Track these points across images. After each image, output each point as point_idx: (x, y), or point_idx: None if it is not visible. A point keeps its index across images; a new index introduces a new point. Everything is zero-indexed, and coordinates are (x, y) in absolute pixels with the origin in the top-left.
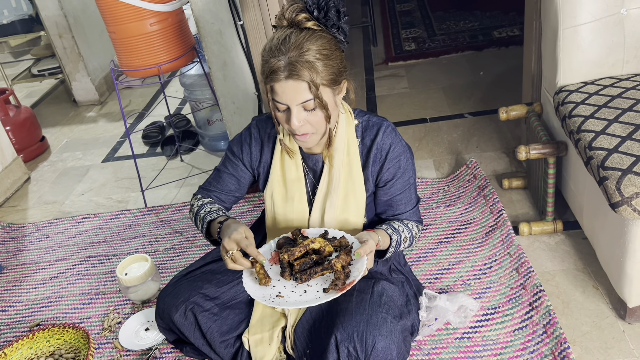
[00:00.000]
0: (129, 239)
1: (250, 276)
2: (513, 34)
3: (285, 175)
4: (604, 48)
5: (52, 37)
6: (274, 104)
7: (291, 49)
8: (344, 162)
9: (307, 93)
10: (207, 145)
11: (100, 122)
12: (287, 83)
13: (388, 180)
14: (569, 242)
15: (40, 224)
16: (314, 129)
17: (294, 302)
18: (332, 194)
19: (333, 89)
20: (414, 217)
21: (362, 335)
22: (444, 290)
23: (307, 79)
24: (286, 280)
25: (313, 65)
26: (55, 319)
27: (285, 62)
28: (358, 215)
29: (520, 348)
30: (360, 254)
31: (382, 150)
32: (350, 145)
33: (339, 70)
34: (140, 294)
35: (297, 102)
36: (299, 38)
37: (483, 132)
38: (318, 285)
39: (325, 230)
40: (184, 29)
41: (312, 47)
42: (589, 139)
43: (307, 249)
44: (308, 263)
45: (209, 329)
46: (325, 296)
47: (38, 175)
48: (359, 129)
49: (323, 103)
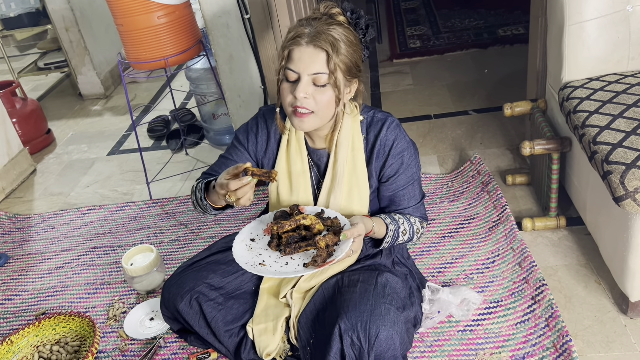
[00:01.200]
0: (134, 230)
1: (241, 243)
2: (518, 32)
3: (291, 168)
4: (610, 44)
5: (58, 30)
6: (285, 72)
7: (320, 24)
8: (348, 158)
9: (322, 65)
10: (212, 139)
11: (105, 115)
12: (306, 49)
13: (390, 176)
14: (571, 237)
15: (46, 214)
16: (317, 107)
17: (274, 271)
18: (336, 188)
19: (346, 79)
20: (417, 213)
21: (366, 325)
22: (446, 284)
23: (328, 50)
24: (272, 251)
25: (336, 42)
26: (60, 308)
27: (311, 30)
28: (362, 210)
29: (522, 341)
30: (347, 235)
31: (386, 146)
32: (355, 141)
33: (357, 63)
34: (145, 284)
35: (310, 71)
36: (329, 20)
37: (487, 128)
38: (300, 260)
39: (322, 209)
40: (191, 22)
41: (339, 29)
42: (593, 133)
43: (297, 224)
44: (295, 237)
45: (213, 318)
46: (303, 270)
47: (44, 167)
48: (363, 124)
49: (337, 82)
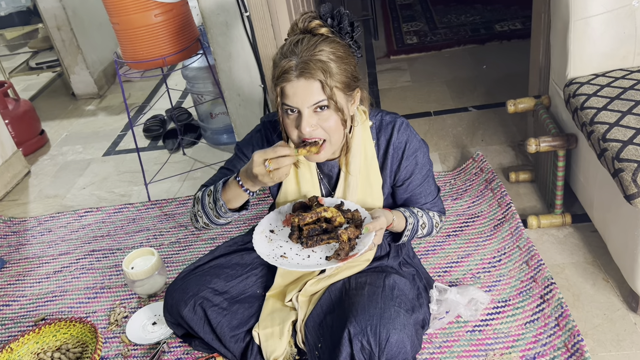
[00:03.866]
0: (133, 232)
1: (260, 234)
2: (515, 28)
3: (300, 184)
4: (615, 40)
5: (50, 29)
6: (284, 109)
7: (303, 50)
8: (361, 168)
9: (319, 93)
10: (209, 138)
11: (99, 115)
12: (298, 83)
13: (406, 179)
14: (577, 235)
15: (42, 217)
16: (327, 135)
17: (296, 264)
18: (349, 199)
19: (346, 95)
20: (435, 208)
21: (376, 328)
22: (453, 284)
23: (320, 78)
24: (293, 243)
25: (326, 65)
26: (60, 313)
27: (297, 61)
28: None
29: (532, 341)
30: (369, 229)
31: (399, 148)
32: (367, 149)
33: (353, 75)
34: (147, 287)
35: (308, 103)
36: (311, 41)
37: (488, 125)
38: (322, 253)
39: (341, 201)
40: (188, 20)
41: (326, 48)
42: (602, 130)
43: (318, 216)
44: (317, 230)
45: (218, 323)
46: (326, 263)
47: (38, 169)
48: (373, 129)
49: (338, 105)
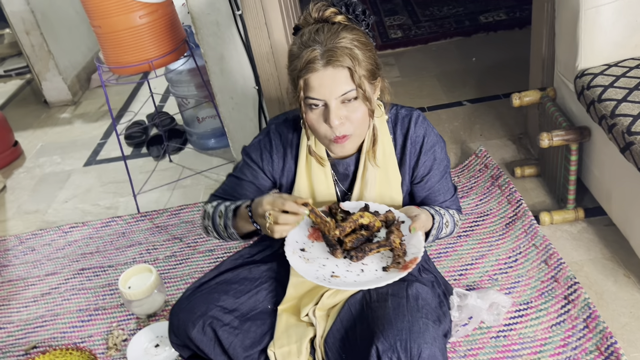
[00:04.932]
0: (124, 247)
1: (293, 254)
2: (500, 19)
3: (314, 187)
4: (627, 28)
5: (18, 34)
6: (308, 102)
7: (327, 38)
8: (380, 164)
9: (348, 83)
10: (195, 143)
11: (76, 123)
12: (325, 72)
13: (425, 175)
14: (591, 229)
15: (23, 236)
16: (354, 128)
17: (353, 282)
18: (367, 199)
19: (372, 84)
20: (454, 206)
21: (406, 344)
22: (471, 287)
23: (349, 65)
24: (337, 259)
25: (353, 52)
26: (52, 340)
27: (323, 49)
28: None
29: (561, 344)
30: (416, 228)
31: (416, 143)
32: (385, 144)
33: (376, 63)
34: (146, 307)
35: (336, 94)
36: (332, 28)
37: (485, 119)
38: (374, 264)
39: (366, 204)
40: (174, 21)
41: (348, 35)
42: (626, 123)
43: (356, 224)
44: (360, 239)
45: (231, 344)
46: (387, 276)
47: (14, 183)
48: (389, 123)
49: (366, 94)
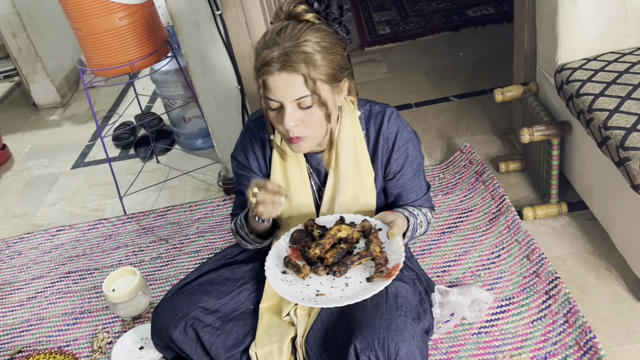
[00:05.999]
0: (111, 250)
1: (275, 279)
2: (488, 12)
3: (289, 179)
4: (606, 22)
5: (5, 37)
6: (267, 101)
7: (286, 40)
8: (352, 161)
9: (302, 88)
10: (183, 144)
11: (64, 125)
12: (280, 76)
13: (397, 172)
14: (574, 224)
15: (10, 239)
16: (309, 131)
17: (340, 298)
18: (340, 195)
19: (332, 87)
20: (426, 204)
21: (384, 342)
22: (453, 284)
23: (303, 72)
24: (319, 276)
25: (310, 58)
26: (38, 344)
27: (279, 52)
28: (369, 215)
29: (542, 340)
30: (394, 234)
31: (389, 139)
32: (357, 141)
33: (339, 66)
34: (131, 310)
35: (291, 98)
36: (295, 29)
37: (471, 114)
38: (358, 276)
39: (341, 217)
40: (155, 22)
41: (311, 38)
42: (602, 118)
43: (334, 239)
44: (341, 253)
45: (212, 344)
46: (372, 286)
47: (3, 187)
48: (362, 120)
49: (322, 99)
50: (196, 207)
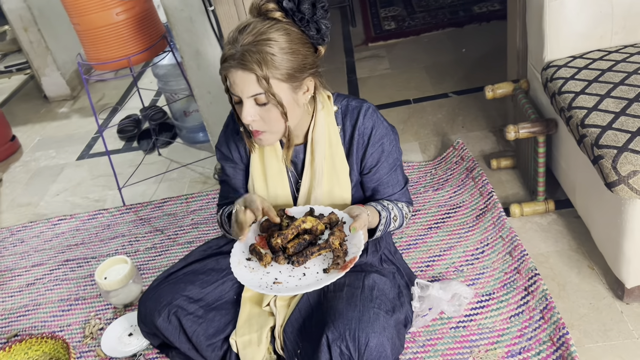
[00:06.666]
0: (108, 239)
1: (239, 265)
2: (494, 9)
3: (266, 170)
4: (592, 19)
5: (16, 31)
6: (230, 95)
7: (247, 38)
8: (326, 155)
9: (256, 86)
10: (185, 137)
11: (73, 117)
12: (237, 73)
13: (372, 166)
14: (561, 221)
15: (14, 228)
16: (267, 126)
17: (294, 287)
18: (316, 188)
19: (292, 85)
20: (403, 198)
21: (354, 333)
22: (436, 278)
23: (257, 72)
24: (280, 265)
25: (265, 57)
26: (33, 328)
27: (237, 50)
28: (345, 208)
29: (518, 335)
30: (356, 228)
31: (364, 134)
32: (331, 135)
33: (300, 66)
34: (122, 297)
35: (247, 94)
36: (259, 27)
37: (468, 111)
38: (316, 267)
39: (311, 208)
40: (152, 17)
41: (272, 36)
42: (581, 116)
43: (298, 230)
44: (302, 244)
45: (194, 332)
46: (327, 277)
47: (10, 177)
48: (338, 115)
49: (277, 99)
50: (192, 199)
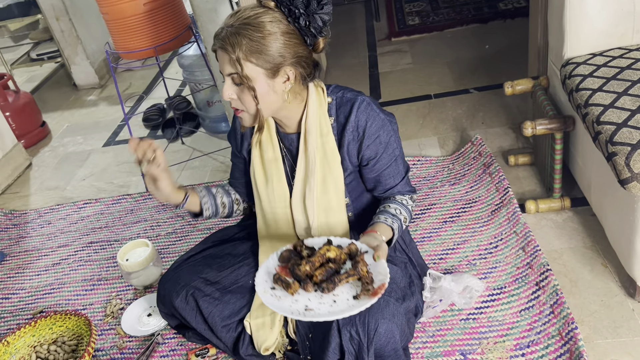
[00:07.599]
0: (131, 224)
1: (265, 293)
2: (519, 5)
3: (264, 156)
4: (613, 17)
5: (49, 20)
6: None
7: (235, 20)
8: (318, 144)
9: (229, 66)
10: (208, 127)
11: (101, 105)
12: (218, 52)
13: (371, 158)
14: (576, 219)
15: (42, 210)
16: (244, 106)
17: (327, 313)
18: (310, 177)
19: (267, 71)
20: (405, 188)
21: (364, 318)
22: (448, 271)
23: (230, 53)
24: (307, 292)
25: (240, 41)
26: (57, 306)
27: (222, 31)
28: (338, 197)
29: (527, 329)
30: (380, 257)
31: (359, 127)
32: (322, 126)
33: (279, 54)
34: (142, 279)
35: (225, 72)
36: (248, 12)
37: (489, 107)
38: (345, 294)
39: (328, 239)
40: (178, 8)
41: (253, 22)
42: (597, 113)
43: (324, 258)
44: (330, 272)
45: (210, 313)
46: (359, 303)
47: (39, 161)
48: (332, 106)
49: (247, 81)
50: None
